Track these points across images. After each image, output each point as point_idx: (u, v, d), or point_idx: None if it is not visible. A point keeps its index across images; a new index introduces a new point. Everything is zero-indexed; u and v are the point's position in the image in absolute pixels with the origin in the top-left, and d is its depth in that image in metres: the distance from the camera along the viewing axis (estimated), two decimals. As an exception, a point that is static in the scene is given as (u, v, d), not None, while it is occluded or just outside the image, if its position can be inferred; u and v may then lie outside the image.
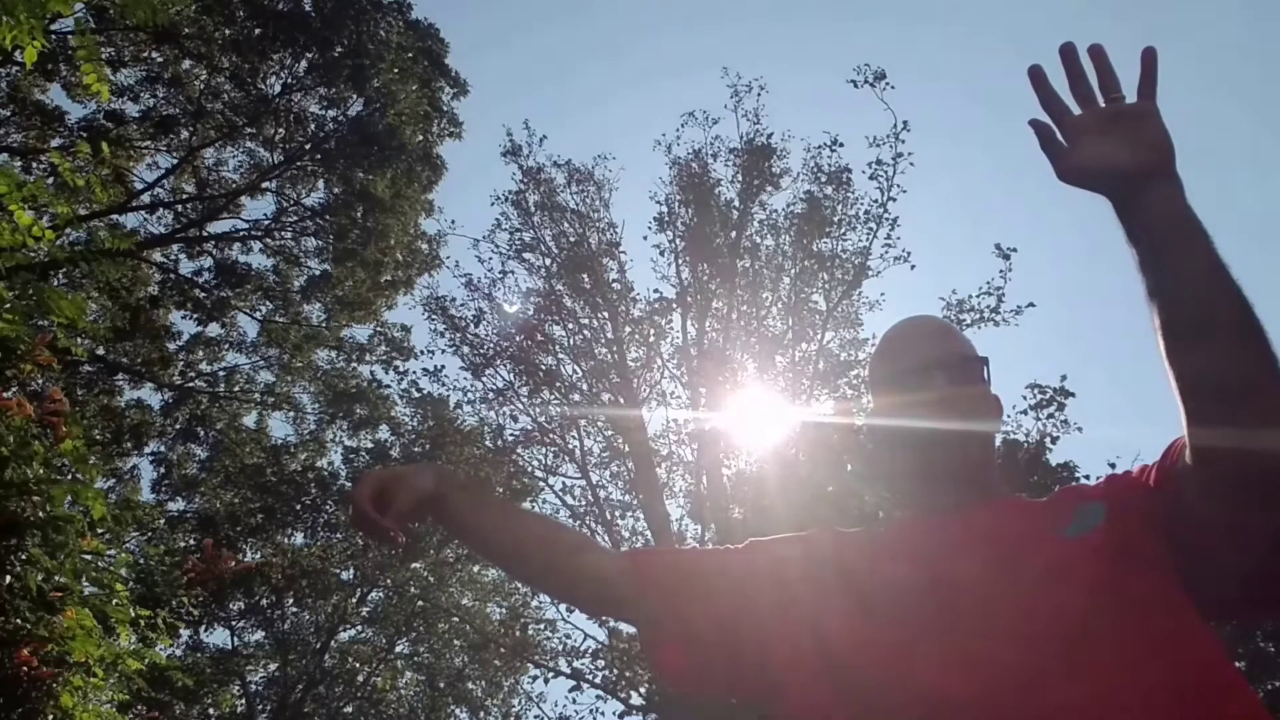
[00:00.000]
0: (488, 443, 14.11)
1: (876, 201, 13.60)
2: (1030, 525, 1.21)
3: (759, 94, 14.38)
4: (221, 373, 16.43)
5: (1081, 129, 1.11)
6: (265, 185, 15.18)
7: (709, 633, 1.26)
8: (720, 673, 1.27)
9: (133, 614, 4.36)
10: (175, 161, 14.62)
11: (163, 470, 16.29)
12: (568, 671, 13.40)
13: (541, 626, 14.57)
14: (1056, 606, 1.06)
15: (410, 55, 14.43)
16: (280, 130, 14.79)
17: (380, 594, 16.99)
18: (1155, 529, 1.11)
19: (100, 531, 4.47)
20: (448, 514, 1.37)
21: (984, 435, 1.31)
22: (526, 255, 14.83)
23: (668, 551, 1.53)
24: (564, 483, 14.20)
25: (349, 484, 14.87)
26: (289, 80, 14.53)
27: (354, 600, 16.96)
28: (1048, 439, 11.61)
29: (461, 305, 14.69)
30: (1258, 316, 1.00)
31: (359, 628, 17.79)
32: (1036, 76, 1.13)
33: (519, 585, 15.05)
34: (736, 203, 14.51)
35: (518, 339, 14.31)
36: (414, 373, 14.86)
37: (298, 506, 15.69)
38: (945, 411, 1.27)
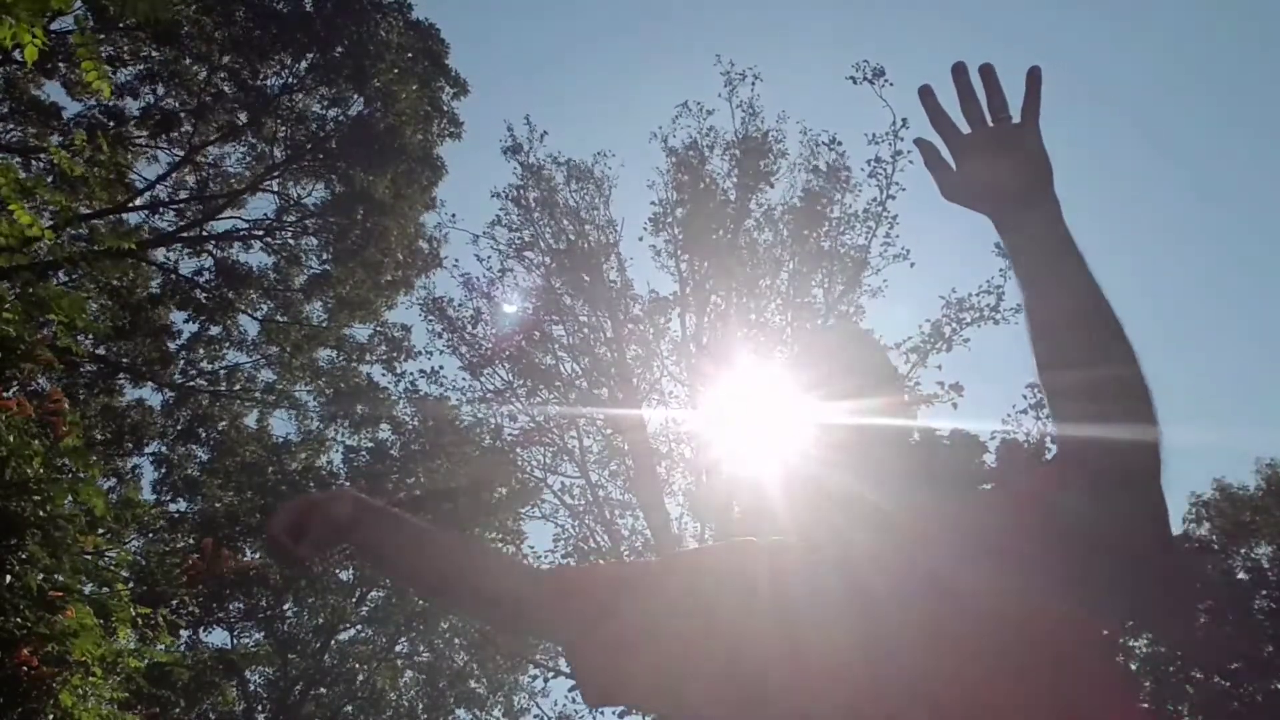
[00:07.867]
0: (486, 441, 14.10)
1: (875, 200, 13.59)
2: (957, 530, 1.20)
3: (754, 83, 14.25)
4: (222, 371, 16.42)
5: (967, 148, 1.13)
6: (266, 185, 15.18)
7: (624, 652, 1.25)
8: (637, 693, 1.28)
9: (133, 612, 4.36)
10: (176, 160, 14.63)
11: (164, 470, 16.29)
12: (568, 671, 13.41)
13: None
14: (972, 613, 1.06)
15: (410, 55, 14.42)
16: (281, 130, 14.79)
17: (380, 594, 16.97)
18: (1052, 532, 1.12)
19: (101, 530, 4.47)
20: (363, 542, 1.36)
21: (896, 442, 1.33)
22: (525, 254, 14.80)
23: (584, 571, 1.55)
24: (563, 482, 14.21)
25: (348, 484, 14.86)
26: (289, 80, 14.53)
27: (353, 600, 16.95)
28: (1048, 438, 11.62)
29: (460, 305, 14.68)
30: (1124, 328, 1.07)
31: (359, 628, 17.78)
32: (925, 95, 1.15)
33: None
34: (733, 193, 14.42)
35: (516, 338, 14.28)
36: (412, 375, 14.84)
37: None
38: (863, 418, 1.31)
